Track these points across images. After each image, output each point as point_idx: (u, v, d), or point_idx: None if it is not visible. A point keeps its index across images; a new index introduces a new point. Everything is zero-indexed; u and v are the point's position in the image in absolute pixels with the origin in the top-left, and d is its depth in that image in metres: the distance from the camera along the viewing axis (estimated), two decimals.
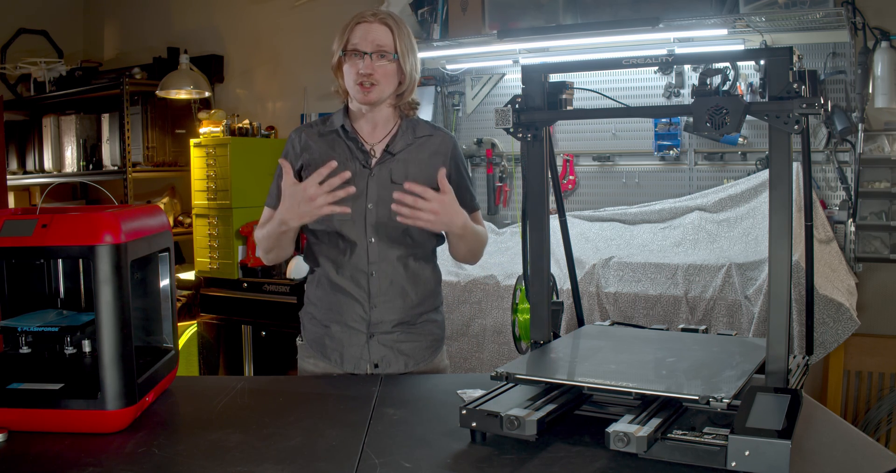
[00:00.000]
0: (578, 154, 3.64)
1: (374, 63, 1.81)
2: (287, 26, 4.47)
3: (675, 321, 2.80)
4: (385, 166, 1.87)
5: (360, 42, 1.82)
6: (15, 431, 1.35)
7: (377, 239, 1.85)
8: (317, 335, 1.92)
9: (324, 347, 1.91)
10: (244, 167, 3.94)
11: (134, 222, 1.42)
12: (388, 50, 1.82)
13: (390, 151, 1.87)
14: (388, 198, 1.83)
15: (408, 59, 1.85)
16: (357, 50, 1.81)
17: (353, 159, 1.87)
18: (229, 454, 1.27)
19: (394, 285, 1.86)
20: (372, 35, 1.82)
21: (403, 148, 1.89)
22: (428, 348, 1.93)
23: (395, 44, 1.83)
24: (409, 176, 1.85)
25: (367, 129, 1.90)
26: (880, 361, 3.07)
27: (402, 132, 1.90)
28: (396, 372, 1.88)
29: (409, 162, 1.88)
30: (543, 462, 1.22)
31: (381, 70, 1.82)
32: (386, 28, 1.84)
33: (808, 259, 1.50)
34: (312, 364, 1.93)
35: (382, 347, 1.87)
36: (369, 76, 1.80)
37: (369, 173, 1.86)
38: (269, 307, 3.79)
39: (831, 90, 3.11)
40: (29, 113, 4.98)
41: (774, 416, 1.14)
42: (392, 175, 1.86)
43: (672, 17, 2.99)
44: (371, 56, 1.81)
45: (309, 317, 1.96)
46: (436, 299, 1.97)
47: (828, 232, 3.02)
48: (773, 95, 1.25)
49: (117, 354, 1.34)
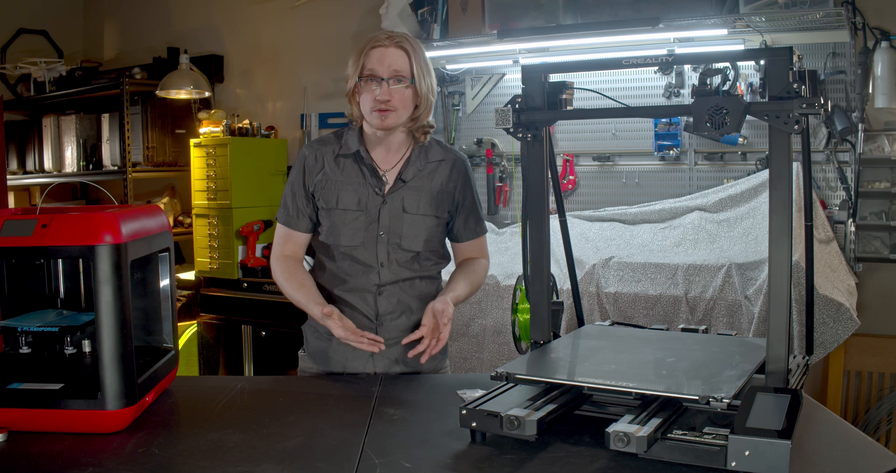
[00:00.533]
0: (578, 154, 3.64)
1: (390, 88, 1.77)
2: (287, 26, 4.47)
3: (675, 321, 2.80)
4: (397, 195, 1.85)
5: (376, 67, 1.78)
6: (15, 431, 1.35)
7: (387, 264, 1.85)
8: (320, 348, 1.92)
9: (327, 359, 1.90)
10: (244, 167, 3.94)
11: (134, 222, 1.42)
12: (404, 75, 1.79)
13: (403, 179, 1.86)
14: (400, 226, 1.84)
15: (424, 82, 1.82)
16: (374, 75, 1.78)
17: (367, 185, 1.86)
18: (229, 454, 1.27)
19: (401, 304, 1.87)
20: (388, 60, 1.78)
21: (415, 175, 1.87)
22: (432, 359, 1.92)
23: (412, 68, 1.80)
24: (420, 207, 1.86)
25: (381, 153, 1.88)
26: (880, 361, 3.07)
27: (415, 158, 1.88)
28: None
29: (422, 191, 1.87)
30: (543, 462, 1.22)
31: (399, 95, 1.78)
32: (402, 52, 1.80)
33: (808, 259, 1.50)
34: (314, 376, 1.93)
35: (386, 359, 1.87)
36: (387, 102, 1.77)
37: (382, 201, 1.85)
38: (269, 307, 3.79)
39: (831, 90, 3.11)
40: (29, 113, 4.98)
41: (774, 416, 1.14)
42: (405, 204, 1.85)
43: (672, 17, 2.99)
44: (388, 82, 1.77)
45: (312, 330, 1.95)
46: None
47: (828, 232, 3.02)
48: (773, 95, 1.25)
49: (117, 354, 1.34)
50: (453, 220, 1.93)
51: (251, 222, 3.92)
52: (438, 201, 1.88)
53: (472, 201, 1.94)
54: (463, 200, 1.92)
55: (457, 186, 1.91)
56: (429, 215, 1.87)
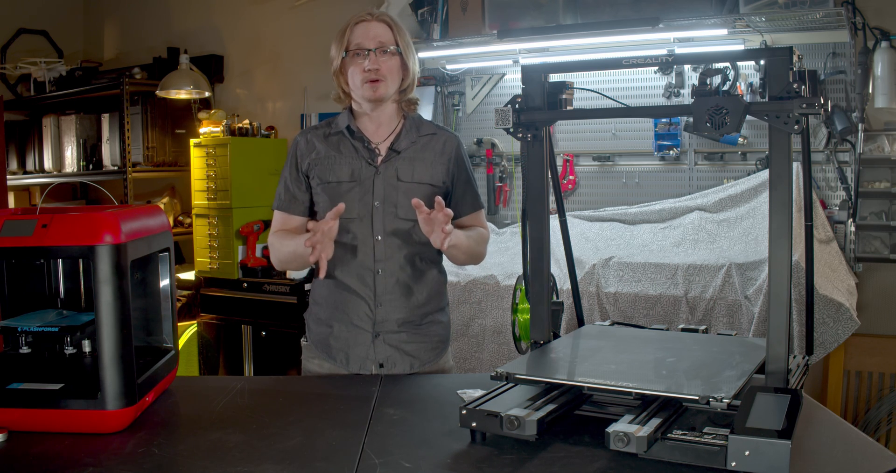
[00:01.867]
0: (578, 154, 3.64)
1: (378, 59, 1.82)
2: (287, 26, 4.47)
3: (675, 321, 2.80)
4: (391, 164, 1.88)
5: (362, 41, 1.83)
6: (15, 431, 1.35)
7: (384, 237, 1.86)
8: (321, 335, 1.92)
9: (329, 347, 1.91)
10: (244, 167, 3.94)
11: (134, 222, 1.42)
12: (390, 44, 1.85)
13: (395, 150, 1.89)
14: (395, 196, 1.85)
15: (409, 53, 1.89)
16: (361, 48, 1.83)
17: (360, 158, 1.89)
18: (229, 454, 1.27)
19: (399, 284, 1.87)
20: (373, 32, 1.84)
21: (408, 146, 1.90)
22: (433, 349, 1.93)
23: (396, 39, 1.86)
24: (414, 175, 1.87)
25: (372, 128, 1.91)
26: (880, 361, 3.07)
27: (407, 131, 1.91)
28: (402, 373, 1.88)
29: (415, 161, 1.89)
30: (543, 462, 1.22)
31: (386, 65, 1.84)
32: (385, 25, 1.87)
33: (808, 259, 1.50)
34: (317, 365, 1.93)
35: (388, 347, 1.87)
36: (376, 71, 1.82)
37: (375, 172, 1.87)
38: (269, 307, 3.79)
39: (831, 90, 3.11)
40: (29, 113, 4.98)
41: (774, 416, 1.14)
42: (398, 173, 1.87)
43: (672, 17, 2.99)
44: (375, 52, 1.82)
45: (314, 318, 1.96)
46: (441, 299, 1.97)
47: (828, 232, 3.02)
48: (773, 95, 1.25)
49: (117, 354, 1.34)
50: (450, 195, 1.93)
51: (251, 222, 3.92)
52: (433, 170, 1.89)
53: (467, 175, 1.95)
54: (458, 173, 1.93)
55: (451, 158, 1.92)
56: (424, 183, 1.87)
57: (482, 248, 1.95)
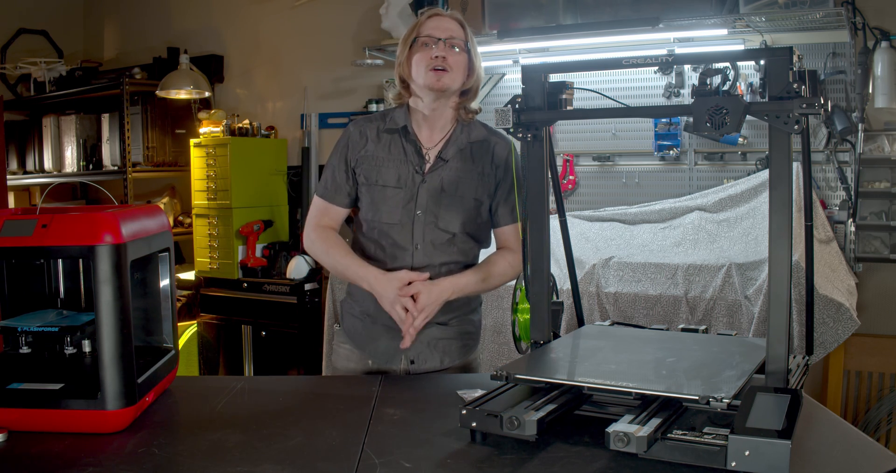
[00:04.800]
0: (578, 154, 3.64)
1: (447, 49, 1.81)
2: (287, 26, 4.47)
3: (675, 321, 2.80)
4: (437, 174, 1.85)
5: (432, 31, 1.82)
6: (15, 431, 1.35)
7: (423, 246, 1.85)
8: (356, 326, 1.93)
9: (362, 338, 1.91)
10: (244, 167, 3.95)
11: (134, 222, 1.42)
12: (460, 40, 1.83)
13: (443, 158, 1.86)
14: (437, 206, 1.84)
15: (476, 56, 1.86)
16: (431, 36, 1.81)
17: (408, 163, 1.86)
18: (229, 454, 1.27)
19: None
20: (445, 25, 1.83)
21: (456, 154, 1.87)
22: (464, 346, 1.93)
23: (467, 37, 1.85)
24: (458, 188, 1.85)
25: (426, 132, 1.89)
26: (880, 361, 3.07)
27: (456, 136, 1.88)
28: (432, 368, 1.88)
29: (462, 171, 1.86)
30: (543, 462, 1.22)
31: (454, 58, 1.81)
32: (457, 23, 1.86)
33: (808, 259, 1.50)
34: (347, 350, 1.94)
35: (420, 344, 1.87)
36: (443, 60, 1.80)
37: (421, 180, 1.85)
38: (269, 307, 3.79)
39: (831, 90, 3.11)
40: (29, 113, 4.98)
41: (774, 416, 1.14)
42: (443, 184, 1.85)
43: (672, 17, 2.99)
44: (444, 42, 1.81)
45: (348, 310, 1.96)
46: (475, 300, 1.96)
47: (828, 232, 3.02)
48: (773, 95, 1.25)
49: (117, 354, 1.34)
50: (493, 201, 1.91)
51: (251, 222, 3.92)
52: (479, 183, 1.87)
53: (510, 186, 1.91)
54: (504, 182, 1.90)
55: (499, 167, 1.89)
56: (466, 197, 1.86)
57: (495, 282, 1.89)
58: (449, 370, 1.91)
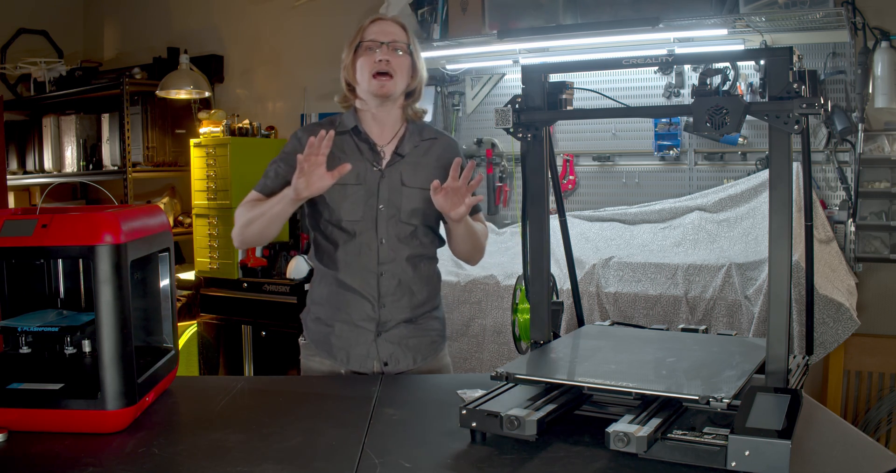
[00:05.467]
0: (578, 154, 3.64)
1: (390, 53, 1.84)
2: (287, 26, 4.47)
3: (675, 321, 2.80)
4: (395, 168, 1.88)
5: (376, 36, 1.86)
6: (15, 431, 1.35)
7: (387, 240, 1.86)
8: (322, 334, 1.92)
9: (329, 346, 1.91)
10: (244, 167, 3.94)
11: (134, 222, 1.42)
12: (403, 44, 1.87)
13: (399, 153, 1.90)
14: (399, 200, 1.86)
15: (419, 58, 1.91)
16: (374, 41, 1.85)
17: (364, 160, 1.88)
18: (229, 454, 1.27)
19: (402, 285, 1.87)
20: (388, 29, 1.88)
21: (411, 150, 1.91)
22: (433, 343, 1.95)
23: (409, 41, 1.90)
24: (418, 180, 1.87)
25: (376, 130, 1.92)
26: (880, 361, 3.07)
27: (410, 134, 1.92)
28: (405, 369, 1.89)
29: (419, 165, 1.90)
30: (543, 462, 1.22)
31: (397, 61, 1.85)
32: (399, 26, 1.90)
33: (808, 259, 1.50)
34: (318, 363, 1.93)
35: (390, 344, 1.88)
36: (387, 63, 1.83)
37: (380, 175, 1.87)
38: (269, 307, 3.79)
39: (831, 90, 3.11)
40: (29, 113, 4.98)
41: (774, 416, 1.14)
42: (403, 178, 1.88)
43: (672, 17, 2.99)
44: (388, 45, 1.85)
45: (312, 317, 1.96)
46: (437, 297, 1.99)
47: (828, 232, 3.02)
48: (773, 95, 1.25)
49: (117, 354, 1.34)
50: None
51: None
52: (436, 175, 1.87)
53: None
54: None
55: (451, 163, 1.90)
56: (426, 189, 1.86)
57: (484, 241, 1.96)
58: (422, 369, 1.91)
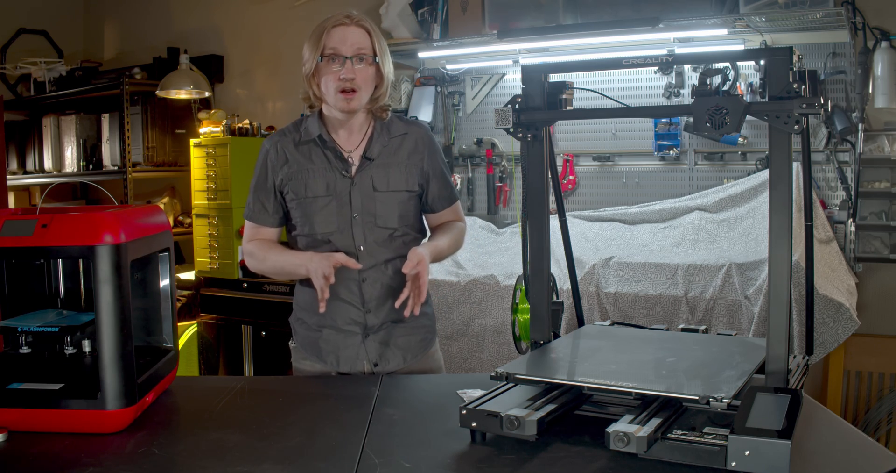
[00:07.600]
0: (578, 154, 3.64)
1: (354, 68, 1.77)
2: (287, 26, 4.47)
3: (675, 321, 2.80)
4: (366, 174, 1.85)
5: (338, 46, 1.78)
6: (15, 431, 1.35)
7: (366, 246, 1.85)
8: (310, 338, 1.92)
9: (318, 349, 1.90)
10: (244, 167, 3.94)
11: (134, 222, 1.42)
12: (367, 53, 1.80)
13: (368, 157, 1.86)
14: (373, 206, 1.84)
15: (385, 61, 1.84)
16: (337, 53, 1.78)
17: (333, 169, 1.86)
18: (229, 454, 1.27)
19: (385, 288, 1.86)
20: (351, 38, 1.78)
21: (380, 152, 1.87)
22: (422, 340, 1.94)
23: (374, 46, 1.81)
24: (390, 183, 1.86)
25: (344, 135, 1.88)
26: (880, 361, 3.07)
27: (378, 135, 1.87)
28: (395, 368, 1.88)
29: (390, 167, 1.87)
30: (543, 462, 1.22)
31: (362, 75, 1.79)
32: (363, 30, 1.81)
33: (808, 259, 1.50)
34: (308, 366, 1.93)
35: (379, 344, 1.88)
36: (352, 81, 1.77)
37: (351, 183, 1.85)
38: (269, 307, 3.79)
39: (831, 90, 3.11)
40: (29, 113, 4.98)
41: (774, 416, 1.14)
42: (374, 183, 1.85)
43: (672, 17, 2.98)
44: (352, 60, 1.77)
45: (300, 322, 1.95)
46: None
47: (828, 232, 3.02)
48: (773, 95, 1.25)
49: (117, 354, 1.34)
50: (425, 191, 1.92)
51: None
52: (408, 174, 1.87)
53: (440, 169, 1.93)
54: (432, 170, 1.91)
55: (423, 157, 1.90)
56: (400, 191, 1.86)
57: (460, 243, 1.96)
58: (413, 368, 1.91)
